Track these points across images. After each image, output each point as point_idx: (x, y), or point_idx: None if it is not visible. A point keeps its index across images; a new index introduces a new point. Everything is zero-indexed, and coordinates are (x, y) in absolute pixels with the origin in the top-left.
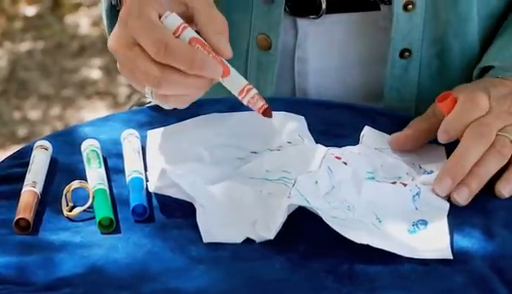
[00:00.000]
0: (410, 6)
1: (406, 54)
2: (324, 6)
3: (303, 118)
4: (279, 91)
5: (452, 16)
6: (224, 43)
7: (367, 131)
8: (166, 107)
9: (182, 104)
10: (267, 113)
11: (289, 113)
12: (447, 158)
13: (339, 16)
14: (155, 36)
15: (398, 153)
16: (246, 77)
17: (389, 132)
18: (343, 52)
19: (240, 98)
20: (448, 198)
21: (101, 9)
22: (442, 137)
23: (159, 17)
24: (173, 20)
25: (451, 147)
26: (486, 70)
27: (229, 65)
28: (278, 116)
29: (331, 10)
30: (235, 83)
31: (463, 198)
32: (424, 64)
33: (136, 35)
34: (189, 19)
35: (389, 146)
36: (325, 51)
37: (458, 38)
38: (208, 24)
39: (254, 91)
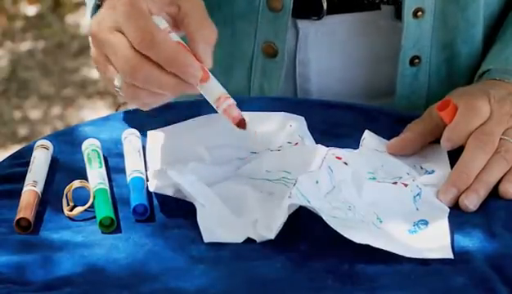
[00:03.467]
0: (419, 14)
1: (416, 61)
2: (325, 7)
3: (302, 118)
4: (281, 93)
5: (461, 22)
6: (209, 54)
7: (367, 135)
8: (132, 104)
9: (149, 105)
10: (241, 125)
11: (289, 114)
12: (448, 157)
13: (340, 17)
14: (142, 25)
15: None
16: (250, 84)
17: (392, 131)
18: (344, 53)
19: (215, 106)
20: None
21: (88, 7)
22: (445, 145)
23: None
24: (159, 22)
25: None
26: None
27: (209, 73)
28: (278, 116)
29: (332, 11)
30: (213, 91)
31: (472, 202)
32: (433, 69)
33: (123, 21)
34: (177, 22)
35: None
36: (326, 52)
37: (466, 43)
38: (199, 31)
39: (231, 100)
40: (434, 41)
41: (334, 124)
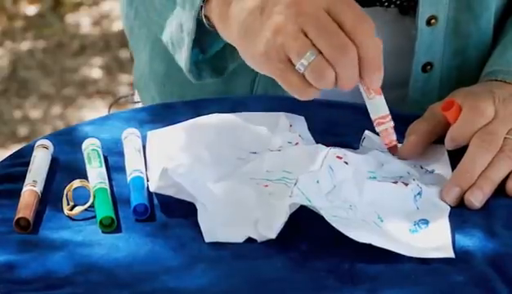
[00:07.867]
0: (433, 21)
1: (428, 67)
2: None
3: (302, 118)
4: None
5: (474, 30)
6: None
7: (367, 135)
8: (303, 87)
9: (315, 92)
10: (393, 150)
11: (289, 114)
12: (449, 157)
13: None
14: (360, 13)
15: None
16: (252, 90)
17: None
18: None
19: (376, 122)
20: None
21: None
22: (449, 145)
23: None
24: None
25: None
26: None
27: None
28: (278, 116)
29: None
30: (380, 107)
31: (477, 199)
32: (444, 75)
33: (338, 3)
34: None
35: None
36: None
37: (478, 50)
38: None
39: (392, 123)
40: (447, 48)
41: (335, 124)
